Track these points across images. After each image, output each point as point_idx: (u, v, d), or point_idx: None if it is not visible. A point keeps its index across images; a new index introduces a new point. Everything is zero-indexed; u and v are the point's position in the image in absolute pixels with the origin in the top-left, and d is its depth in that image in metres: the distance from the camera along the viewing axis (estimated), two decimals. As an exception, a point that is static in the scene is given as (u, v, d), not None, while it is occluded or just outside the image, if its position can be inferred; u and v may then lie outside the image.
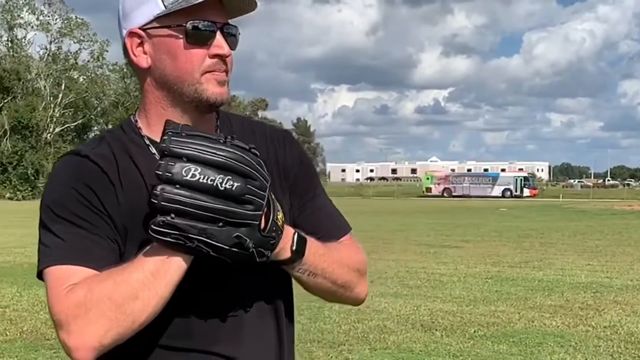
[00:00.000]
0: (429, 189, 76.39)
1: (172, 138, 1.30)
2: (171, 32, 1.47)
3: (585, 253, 16.14)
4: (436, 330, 7.91)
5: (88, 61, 71.85)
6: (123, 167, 1.50)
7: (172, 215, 1.28)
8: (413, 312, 8.94)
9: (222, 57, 1.50)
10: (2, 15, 71.18)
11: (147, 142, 1.54)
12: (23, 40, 73.30)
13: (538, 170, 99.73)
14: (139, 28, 1.50)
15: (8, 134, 65.27)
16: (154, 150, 1.51)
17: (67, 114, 69.51)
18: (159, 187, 1.28)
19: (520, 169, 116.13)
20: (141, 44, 1.51)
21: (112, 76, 77.28)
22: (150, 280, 1.34)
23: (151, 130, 1.54)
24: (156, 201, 1.28)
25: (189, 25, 1.46)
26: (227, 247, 1.31)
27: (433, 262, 14.37)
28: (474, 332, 7.84)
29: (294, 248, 1.47)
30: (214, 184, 1.28)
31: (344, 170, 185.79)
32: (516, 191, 71.44)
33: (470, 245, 18.08)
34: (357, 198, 72.26)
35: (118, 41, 1.56)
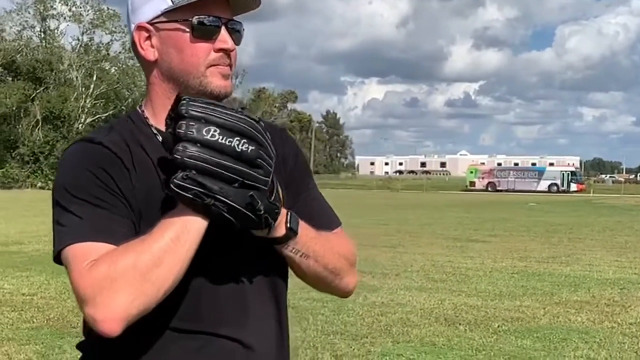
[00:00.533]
0: (472, 183, 74.62)
1: (190, 102, 1.35)
2: (178, 27, 1.53)
3: (614, 249, 15.97)
4: (460, 324, 7.88)
5: (120, 52, 72.30)
6: (135, 153, 1.54)
7: (194, 172, 1.33)
8: (437, 305, 8.92)
9: (226, 52, 1.55)
10: (35, 6, 71.93)
11: (155, 131, 1.58)
12: (56, 31, 74.07)
13: (569, 164, 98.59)
14: (147, 22, 1.55)
15: (40, 124, 66.04)
16: (155, 132, 1.57)
17: (98, 104, 70.10)
18: (180, 145, 1.32)
19: (552, 164, 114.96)
20: (149, 38, 1.56)
21: (143, 67, 77.66)
22: (172, 247, 1.37)
23: (157, 120, 1.58)
24: (179, 157, 1.32)
25: (195, 20, 1.51)
26: (241, 208, 1.36)
27: (459, 256, 14.32)
28: (498, 326, 7.80)
29: (288, 225, 1.51)
30: (232, 145, 1.34)
31: (372, 164, 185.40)
32: (563, 186, 69.51)
33: (497, 240, 17.98)
34: (385, 191, 72.14)
35: None
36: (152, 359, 1.52)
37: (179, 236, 1.38)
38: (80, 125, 68.63)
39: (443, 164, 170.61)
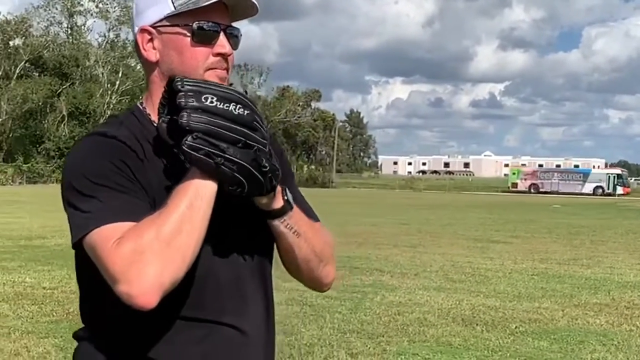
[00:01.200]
0: (515, 185, 73.24)
1: (184, 79, 1.46)
2: (179, 31, 1.62)
3: (636, 252, 15.84)
4: (477, 325, 7.86)
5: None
6: (145, 146, 1.62)
7: (201, 134, 1.43)
8: (455, 306, 8.90)
9: (224, 56, 1.64)
10: (63, 3, 72.63)
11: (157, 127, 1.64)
12: (82, 27, 74.82)
13: (594, 167, 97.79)
14: (150, 25, 1.64)
15: (66, 119, 66.68)
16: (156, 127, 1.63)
17: (123, 101, 70.62)
18: (184, 112, 1.43)
19: (576, 166, 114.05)
20: (151, 40, 1.65)
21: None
22: (188, 214, 1.45)
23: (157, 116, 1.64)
24: (185, 122, 1.42)
25: (195, 25, 1.60)
26: (248, 165, 1.46)
27: (479, 257, 14.27)
28: (515, 328, 7.77)
29: (285, 197, 1.61)
30: (229, 109, 1.46)
31: (396, 163, 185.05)
32: (608, 189, 68.22)
33: (519, 241, 17.88)
34: (407, 191, 72.00)
35: None
36: (158, 348, 1.58)
37: (193, 203, 1.46)
38: (106, 121, 69.07)
39: (467, 165, 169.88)
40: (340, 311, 8.31)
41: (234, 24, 1.68)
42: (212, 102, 1.44)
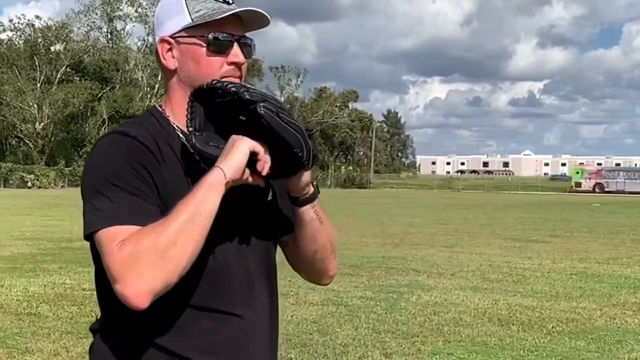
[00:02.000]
0: (578, 184, 70.57)
1: (222, 79, 1.64)
2: (196, 41, 1.73)
3: (678, 251, 15.59)
4: (513, 324, 7.82)
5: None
6: (164, 149, 1.70)
7: (271, 100, 1.60)
8: (491, 306, 8.85)
9: (237, 65, 1.75)
10: (103, 8, 73.58)
11: (178, 130, 1.76)
12: (122, 32, 75.68)
13: (636, 165, 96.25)
14: (170, 36, 1.76)
15: (106, 123, 67.48)
16: (180, 134, 1.75)
17: (162, 104, 71.20)
18: (244, 92, 1.57)
19: (618, 164, 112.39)
20: (170, 49, 1.77)
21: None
22: (185, 227, 1.54)
23: (176, 118, 1.77)
24: (250, 95, 1.57)
25: (210, 36, 1.72)
26: (304, 131, 1.62)
27: (517, 256, 14.17)
28: (552, 327, 7.71)
29: (314, 183, 1.78)
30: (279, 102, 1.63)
31: (434, 163, 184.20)
32: None
33: (558, 241, 17.71)
34: (446, 191, 71.62)
35: None
36: (170, 338, 1.68)
37: (192, 218, 1.54)
38: (145, 124, 69.77)
39: (506, 164, 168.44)
40: (375, 311, 8.33)
41: (248, 34, 1.80)
42: (269, 95, 1.61)
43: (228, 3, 1.75)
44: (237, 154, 1.58)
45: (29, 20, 69.45)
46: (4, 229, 17.66)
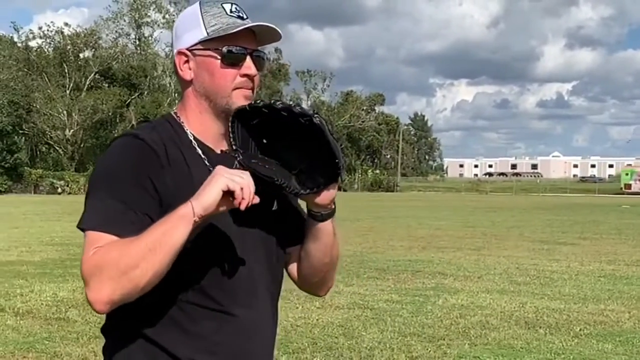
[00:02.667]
0: (628, 186, 68.93)
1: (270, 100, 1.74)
2: (211, 54, 1.83)
3: None
4: (540, 327, 7.78)
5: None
6: (171, 153, 1.80)
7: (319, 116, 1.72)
8: (518, 308, 8.81)
9: (249, 77, 1.84)
10: (131, 14, 74.22)
11: (190, 136, 1.86)
12: (150, 38, 76.24)
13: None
14: (186, 48, 1.86)
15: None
16: (193, 141, 1.85)
17: (190, 109, 71.64)
18: (315, 115, 1.69)
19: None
20: (187, 61, 1.86)
21: (234, 73, 79.28)
22: (147, 254, 1.61)
23: (190, 126, 1.88)
24: (301, 109, 1.69)
25: (224, 49, 1.81)
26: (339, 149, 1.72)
27: (545, 259, 14.08)
28: (580, 330, 7.66)
29: (334, 203, 1.89)
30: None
31: (462, 166, 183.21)
32: None
33: (586, 243, 17.57)
34: (473, 193, 71.26)
35: None
36: (173, 338, 1.76)
37: (155, 247, 1.61)
38: (173, 129, 70.25)
39: (534, 166, 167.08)
40: (401, 314, 8.32)
41: (260, 48, 1.89)
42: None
43: (242, 18, 1.84)
44: (209, 193, 1.62)
45: (58, 27, 70.12)
46: (34, 234, 17.86)
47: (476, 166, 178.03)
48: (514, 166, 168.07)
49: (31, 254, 14.05)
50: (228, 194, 1.62)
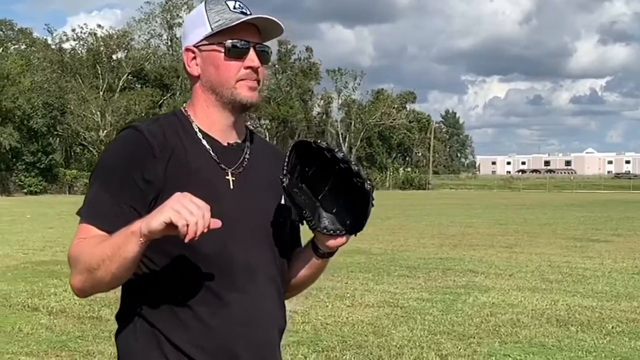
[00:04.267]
0: None
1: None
2: (215, 48, 1.90)
3: None
4: (572, 325, 7.72)
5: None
6: (170, 143, 1.88)
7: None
8: (549, 306, 8.74)
9: (253, 69, 1.91)
10: (162, 15, 74.76)
11: (195, 128, 1.95)
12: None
13: None
14: (193, 45, 1.94)
15: (167, 129, 68.46)
16: (198, 134, 1.94)
17: (221, 109, 71.97)
18: (368, 182, 1.81)
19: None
20: (194, 58, 1.94)
21: (265, 72, 79.47)
22: (106, 262, 1.73)
23: (197, 120, 1.96)
24: (363, 178, 1.81)
25: (228, 42, 1.89)
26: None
27: (578, 256, 13.95)
28: (612, 328, 7.59)
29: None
30: None
31: (494, 163, 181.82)
32: None
33: (620, 240, 17.38)
34: (506, 191, 70.73)
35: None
36: (172, 325, 1.84)
37: (111, 258, 1.71)
38: (204, 129, 70.65)
39: (568, 163, 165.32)
40: (431, 312, 8.31)
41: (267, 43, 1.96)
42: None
43: (245, 14, 1.90)
44: (155, 220, 1.63)
45: (91, 29, 70.85)
46: (69, 234, 18.06)
47: (509, 163, 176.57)
48: (547, 163, 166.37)
49: (65, 254, 14.18)
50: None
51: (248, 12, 1.91)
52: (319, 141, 1.83)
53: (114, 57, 71.22)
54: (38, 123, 58.97)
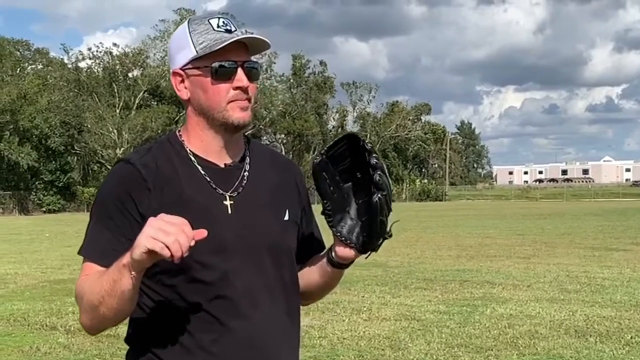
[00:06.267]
0: None
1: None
2: (201, 72, 1.87)
3: None
4: (590, 336, 7.66)
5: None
6: (163, 173, 1.86)
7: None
8: (568, 317, 8.68)
9: (242, 89, 1.87)
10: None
11: (190, 153, 1.92)
12: (195, 55, 76.99)
13: None
14: (180, 68, 1.90)
15: (183, 145, 68.70)
16: (193, 159, 1.91)
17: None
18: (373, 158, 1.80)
19: None
20: (182, 81, 1.91)
21: (280, 87, 79.83)
22: (105, 298, 1.72)
23: (191, 144, 1.93)
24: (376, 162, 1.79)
25: (215, 65, 1.84)
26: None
27: (596, 265, 13.85)
28: (631, 338, 7.53)
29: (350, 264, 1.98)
30: None
31: (511, 173, 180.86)
32: None
33: (639, 249, 17.23)
34: (523, 201, 70.40)
35: (286, 53, 1.90)
36: (172, 351, 1.83)
37: (110, 293, 1.70)
38: (220, 145, 70.90)
39: (585, 171, 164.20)
40: (448, 325, 8.27)
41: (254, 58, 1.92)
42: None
43: (230, 31, 1.86)
44: (136, 253, 1.60)
45: (107, 48, 71.34)
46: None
47: (526, 173, 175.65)
48: (564, 172, 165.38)
49: (83, 272, 14.28)
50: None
51: (233, 29, 1.87)
52: (367, 142, 1.80)
53: (130, 75, 71.64)
54: (56, 142, 59.40)
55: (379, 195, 1.77)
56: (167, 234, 1.56)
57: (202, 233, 1.62)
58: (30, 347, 7.53)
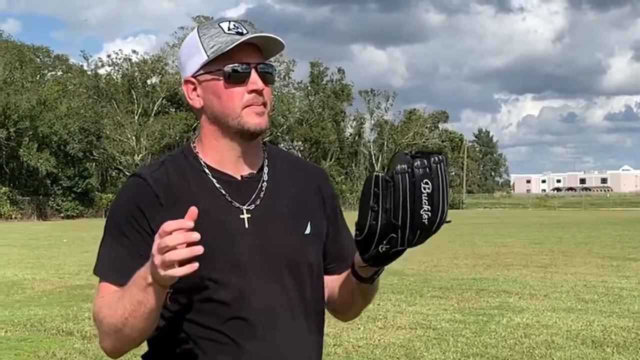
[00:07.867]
0: None
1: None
2: (213, 77, 1.78)
3: None
4: (607, 346, 7.60)
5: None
6: (177, 188, 1.79)
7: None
8: (585, 327, 8.62)
9: (257, 92, 1.78)
10: (193, 39, 75.47)
11: (204, 166, 1.83)
12: (214, 61, 77.31)
13: None
14: (191, 76, 1.82)
15: (200, 152, 68.91)
16: (207, 171, 1.82)
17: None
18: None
19: None
20: (195, 89, 1.82)
21: (297, 94, 79.97)
22: (130, 319, 1.65)
23: (206, 156, 1.84)
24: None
25: (227, 68, 1.76)
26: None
27: (614, 275, 13.75)
28: (648, 349, 7.47)
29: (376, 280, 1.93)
30: None
31: (529, 181, 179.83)
32: None
33: (658, 259, 17.08)
34: (541, 209, 70.02)
35: (304, 60, 1.83)
36: None
37: (134, 311, 1.62)
38: (238, 152, 71.11)
39: (604, 180, 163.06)
40: (464, 334, 8.24)
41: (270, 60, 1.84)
42: None
43: (241, 34, 1.76)
44: (162, 282, 1.57)
45: (126, 55, 71.85)
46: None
47: (544, 181, 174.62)
48: (582, 181, 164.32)
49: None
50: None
51: (245, 31, 1.77)
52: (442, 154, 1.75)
53: (149, 82, 72.03)
54: (74, 148, 59.77)
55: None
56: (161, 257, 1.51)
57: (193, 212, 1.53)
58: (47, 353, 7.57)
